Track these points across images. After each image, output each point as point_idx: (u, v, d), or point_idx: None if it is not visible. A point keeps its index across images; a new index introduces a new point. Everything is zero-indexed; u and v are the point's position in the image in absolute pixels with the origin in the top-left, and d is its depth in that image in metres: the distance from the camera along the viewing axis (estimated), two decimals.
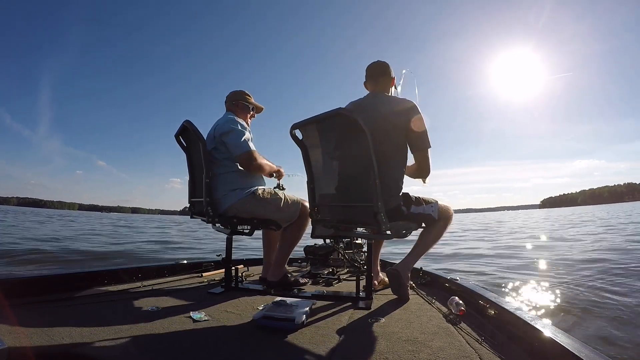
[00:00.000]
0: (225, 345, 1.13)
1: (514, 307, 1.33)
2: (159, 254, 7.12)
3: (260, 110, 2.33)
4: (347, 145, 1.63)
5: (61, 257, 6.02)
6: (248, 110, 2.22)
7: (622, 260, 4.87)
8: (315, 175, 1.82)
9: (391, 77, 1.84)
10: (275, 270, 2.02)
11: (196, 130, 1.98)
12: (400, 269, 1.77)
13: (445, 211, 1.82)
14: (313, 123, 1.68)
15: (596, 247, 6.71)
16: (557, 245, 7.66)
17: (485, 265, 5.24)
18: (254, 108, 2.27)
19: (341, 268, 2.74)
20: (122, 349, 1.05)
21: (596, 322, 2.49)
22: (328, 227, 1.82)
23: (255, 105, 2.27)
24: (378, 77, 1.82)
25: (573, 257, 5.40)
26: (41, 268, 4.96)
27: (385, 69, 1.83)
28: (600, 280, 3.72)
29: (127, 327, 1.26)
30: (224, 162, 1.99)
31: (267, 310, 1.35)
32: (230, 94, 2.24)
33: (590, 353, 0.90)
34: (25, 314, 1.36)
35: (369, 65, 1.87)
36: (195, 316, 1.41)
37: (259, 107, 2.31)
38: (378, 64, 1.84)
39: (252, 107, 2.25)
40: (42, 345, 1.03)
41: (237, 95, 2.22)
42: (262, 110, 2.33)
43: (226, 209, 1.95)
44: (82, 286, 1.82)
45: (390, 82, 1.85)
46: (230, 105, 2.20)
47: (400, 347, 1.12)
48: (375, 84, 1.83)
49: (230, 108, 2.20)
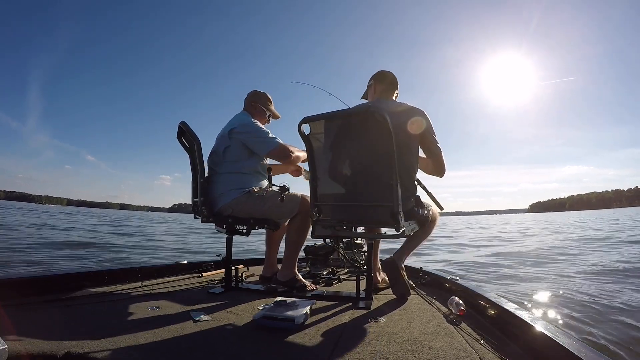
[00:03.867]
0: (225, 345, 1.13)
1: (514, 307, 1.33)
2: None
3: (277, 118, 2.32)
4: (367, 144, 1.64)
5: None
6: (265, 115, 2.21)
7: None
8: (320, 174, 1.81)
9: (397, 88, 1.95)
10: (285, 270, 2.01)
11: (190, 130, 1.98)
12: (396, 259, 1.88)
13: (434, 214, 1.95)
14: (335, 119, 1.67)
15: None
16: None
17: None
18: (271, 115, 2.26)
19: (341, 268, 2.74)
20: (122, 349, 1.05)
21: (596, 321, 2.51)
22: (329, 226, 1.82)
23: (273, 112, 2.26)
24: (389, 85, 1.92)
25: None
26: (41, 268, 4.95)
27: (394, 79, 1.94)
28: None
29: (127, 327, 1.26)
30: (232, 163, 1.98)
31: (267, 310, 1.35)
32: (252, 94, 2.20)
33: (590, 353, 0.90)
34: (25, 314, 1.36)
35: (382, 72, 1.95)
36: (195, 316, 1.41)
37: (276, 114, 2.29)
38: (391, 74, 1.95)
39: (269, 114, 2.23)
40: (41, 345, 1.03)
41: (259, 97, 2.19)
42: (278, 118, 2.32)
43: (221, 208, 1.94)
44: (82, 286, 1.82)
45: (396, 93, 1.95)
46: (249, 105, 2.18)
47: (400, 347, 1.12)
48: (387, 91, 1.92)
49: (248, 108, 2.18)
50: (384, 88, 1.91)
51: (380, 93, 1.91)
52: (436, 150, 1.82)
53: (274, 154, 1.99)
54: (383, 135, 1.49)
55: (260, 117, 2.17)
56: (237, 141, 1.98)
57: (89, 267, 2.96)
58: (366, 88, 2.02)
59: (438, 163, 1.85)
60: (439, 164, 1.86)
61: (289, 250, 2.03)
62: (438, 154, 1.83)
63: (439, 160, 1.84)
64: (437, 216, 1.96)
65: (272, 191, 2.01)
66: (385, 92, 1.91)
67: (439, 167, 1.86)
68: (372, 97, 1.95)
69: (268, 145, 1.97)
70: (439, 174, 1.90)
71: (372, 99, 1.94)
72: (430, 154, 1.84)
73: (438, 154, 1.83)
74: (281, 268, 2.04)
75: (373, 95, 1.94)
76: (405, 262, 1.96)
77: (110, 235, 10.99)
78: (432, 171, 1.90)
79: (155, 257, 6.58)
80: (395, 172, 1.50)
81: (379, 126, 1.50)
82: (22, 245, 6.86)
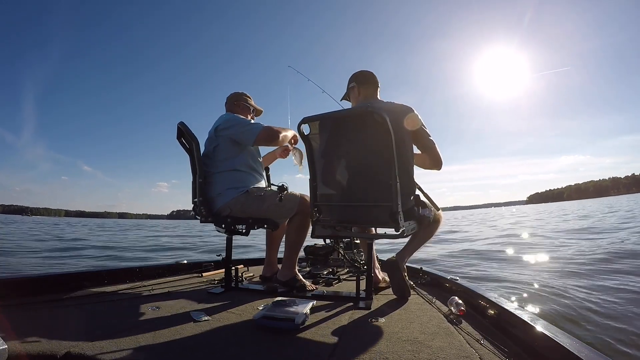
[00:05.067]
0: (225, 345, 1.13)
1: (514, 307, 1.33)
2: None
3: (260, 113, 2.34)
4: (366, 145, 1.65)
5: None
6: (249, 111, 2.23)
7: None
8: (319, 174, 1.81)
9: (379, 86, 1.95)
10: (285, 270, 2.01)
11: (189, 131, 1.98)
12: (398, 259, 1.87)
13: (438, 215, 1.94)
14: (334, 119, 1.69)
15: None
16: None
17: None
18: (254, 110, 2.28)
19: (341, 268, 2.74)
20: (122, 349, 1.05)
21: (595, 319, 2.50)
22: (329, 226, 1.82)
23: (255, 107, 2.28)
24: (373, 85, 1.92)
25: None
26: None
27: (375, 79, 1.93)
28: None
29: (127, 327, 1.26)
30: (223, 162, 1.99)
31: (267, 310, 1.35)
32: (230, 96, 2.24)
33: (590, 353, 0.90)
34: (24, 314, 1.36)
35: (363, 72, 1.94)
36: (195, 316, 1.41)
37: (259, 109, 2.32)
38: (371, 74, 1.94)
39: (252, 109, 2.26)
40: (41, 345, 1.03)
41: (238, 96, 2.23)
42: (261, 113, 2.34)
43: (220, 208, 1.94)
44: (82, 286, 1.82)
45: (378, 91, 1.95)
46: (231, 105, 2.21)
47: (400, 347, 1.12)
48: (372, 91, 1.91)
49: (231, 108, 2.21)
50: (367, 89, 1.91)
51: (366, 94, 1.90)
52: (430, 144, 1.83)
53: (261, 138, 1.96)
54: (382, 135, 1.50)
55: (244, 113, 2.20)
56: (225, 138, 1.99)
57: (89, 267, 2.95)
58: (346, 90, 2.00)
59: (434, 156, 1.86)
60: (435, 157, 1.86)
61: (288, 250, 2.03)
62: (433, 147, 1.84)
63: (435, 153, 1.85)
64: (440, 217, 1.96)
65: (270, 191, 2.01)
66: (371, 93, 1.91)
67: (436, 160, 1.87)
68: (355, 99, 1.94)
69: (253, 131, 1.96)
70: (436, 167, 1.90)
71: (356, 101, 1.93)
72: (425, 149, 1.85)
73: (433, 147, 1.84)
74: (281, 268, 2.04)
75: (357, 97, 1.93)
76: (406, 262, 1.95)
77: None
78: (429, 165, 1.91)
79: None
80: (394, 171, 1.51)
81: (378, 126, 1.50)
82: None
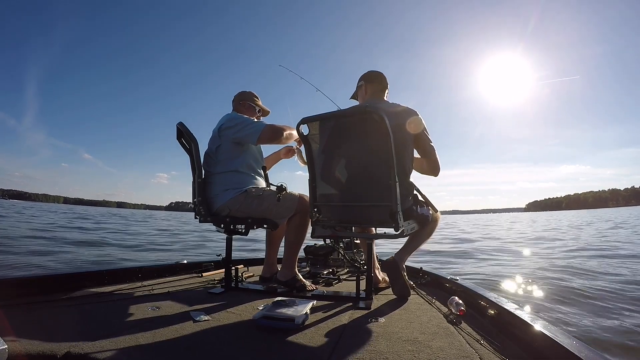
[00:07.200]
0: (225, 345, 1.13)
1: (514, 307, 1.33)
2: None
3: (267, 114, 2.31)
4: (365, 144, 1.65)
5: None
6: (254, 111, 2.21)
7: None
8: (318, 174, 1.81)
9: (387, 88, 1.95)
10: (284, 270, 2.01)
11: (188, 131, 1.98)
12: (397, 259, 1.88)
13: (436, 215, 1.95)
14: (333, 119, 1.69)
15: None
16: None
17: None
18: (260, 110, 2.26)
19: (341, 268, 2.74)
20: (122, 349, 1.05)
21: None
22: (329, 226, 1.82)
23: (262, 107, 2.26)
24: (380, 85, 1.92)
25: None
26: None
27: (384, 79, 1.93)
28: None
29: (126, 327, 1.26)
30: (224, 162, 1.98)
31: (267, 310, 1.35)
32: (237, 94, 2.22)
33: (590, 353, 0.90)
34: (25, 314, 1.36)
35: (372, 72, 1.95)
36: (195, 316, 1.41)
37: (266, 110, 2.29)
38: (381, 74, 1.94)
39: (258, 109, 2.24)
40: (41, 345, 1.03)
41: (245, 95, 2.21)
42: (268, 113, 2.31)
43: (219, 208, 1.94)
44: (82, 286, 1.82)
45: (386, 93, 1.96)
46: (237, 105, 2.20)
47: (400, 347, 1.12)
48: (378, 91, 1.91)
49: (237, 108, 2.20)
50: (375, 88, 1.91)
51: (372, 94, 1.91)
52: (431, 149, 1.84)
53: (265, 136, 1.95)
54: (381, 135, 1.50)
55: (249, 113, 2.18)
56: (228, 138, 1.98)
57: (89, 267, 2.95)
58: (355, 89, 2.01)
59: (433, 162, 1.87)
60: (434, 163, 1.87)
61: (288, 250, 2.03)
62: (432, 153, 1.85)
63: (434, 159, 1.86)
64: (438, 216, 1.97)
65: (269, 190, 2.00)
66: (377, 93, 1.91)
67: (434, 166, 1.88)
68: (363, 97, 1.95)
69: (257, 130, 1.95)
70: (433, 173, 1.91)
71: (363, 99, 1.94)
72: (425, 153, 1.86)
73: (432, 153, 1.85)
74: (281, 268, 2.04)
75: (364, 96, 1.93)
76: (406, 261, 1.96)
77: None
78: (427, 171, 1.92)
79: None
80: (394, 172, 1.51)
81: (376, 126, 1.50)
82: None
